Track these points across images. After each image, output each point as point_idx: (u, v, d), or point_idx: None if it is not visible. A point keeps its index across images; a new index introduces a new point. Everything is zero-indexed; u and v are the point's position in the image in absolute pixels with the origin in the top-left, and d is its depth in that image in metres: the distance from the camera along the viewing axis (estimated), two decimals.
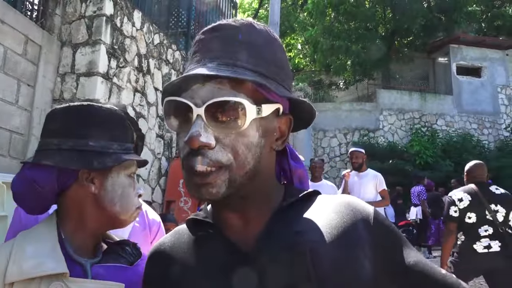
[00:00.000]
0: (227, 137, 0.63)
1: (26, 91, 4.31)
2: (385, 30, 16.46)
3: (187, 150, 0.64)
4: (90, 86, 4.52)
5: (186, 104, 0.63)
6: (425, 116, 14.90)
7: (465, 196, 3.67)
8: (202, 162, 0.62)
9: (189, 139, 0.61)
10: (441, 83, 16.00)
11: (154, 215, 1.59)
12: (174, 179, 5.81)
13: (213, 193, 0.63)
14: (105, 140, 0.97)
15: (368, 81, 16.62)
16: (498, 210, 3.53)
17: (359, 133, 14.43)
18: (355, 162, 5.04)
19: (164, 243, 0.78)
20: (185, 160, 0.65)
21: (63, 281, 0.86)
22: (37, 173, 0.93)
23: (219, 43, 0.67)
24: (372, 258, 0.68)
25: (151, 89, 5.66)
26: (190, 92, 0.65)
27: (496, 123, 15.40)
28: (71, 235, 0.95)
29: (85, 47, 4.65)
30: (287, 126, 0.73)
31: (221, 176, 0.63)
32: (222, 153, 0.63)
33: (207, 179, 0.63)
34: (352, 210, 0.72)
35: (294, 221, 0.70)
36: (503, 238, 3.46)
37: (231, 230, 0.70)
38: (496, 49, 15.93)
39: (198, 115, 0.62)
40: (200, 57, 0.68)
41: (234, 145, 0.63)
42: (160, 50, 5.96)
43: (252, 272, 0.64)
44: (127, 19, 5.13)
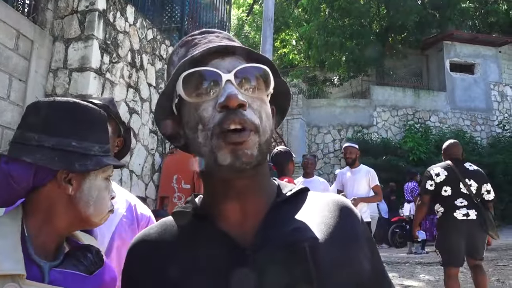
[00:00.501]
0: (254, 103, 0.67)
1: (18, 86, 4.28)
2: (379, 26, 16.51)
3: (220, 115, 0.64)
4: (82, 82, 4.49)
5: (214, 74, 0.66)
6: (418, 112, 14.98)
7: (441, 171, 4.13)
8: (240, 121, 0.63)
9: (228, 98, 0.63)
10: (434, 79, 16.08)
11: (144, 209, 1.58)
12: (168, 175, 5.80)
13: (249, 154, 0.63)
14: (88, 142, 0.94)
15: (362, 77, 16.66)
16: (471, 184, 4.03)
17: (353, 129, 14.48)
18: (348, 158, 5.06)
19: (150, 234, 0.75)
20: (219, 125, 0.64)
21: (18, 282, 0.82)
22: (14, 167, 0.90)
23: (215, 37, 0.73)
24: (369, 256, 0.71)
25: (145, 85, 5.64)
26: (211, 65, 0.67)
27: (489, 120, 15.53)
28: (35, 233, 0.91)
29: (77, 42, 4.61)
30: (273, 113, 0.76)
31: (253, 138, 0.64)
32: (254, 115, 0.65)
33: (244, 137, 0.63)
34: (343, 209, 0.74)
35: (291, 217, 0.70)
36: (478, 207, 3.98)
37: (227, 223, 0.69)
38: (489, 46, 16.03)
39: (228, 80, 0.65)
40: (205, 43, 0.71)
41: (260, 111, 0.67)
42: (154, 46, 5.94)
43: (250, 267, 0.64)
44: (120, 14, 5.10)
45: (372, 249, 0.75)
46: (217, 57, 0.68)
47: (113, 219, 1.47)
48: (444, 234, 4.08)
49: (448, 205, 4.05)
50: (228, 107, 0.63)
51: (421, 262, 8.00)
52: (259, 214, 0.69)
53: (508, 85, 16.00)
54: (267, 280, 0.63)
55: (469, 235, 3.96)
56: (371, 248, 0.74)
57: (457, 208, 4.00)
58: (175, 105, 0.72)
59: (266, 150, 0.67)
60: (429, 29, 16.21)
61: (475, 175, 4.12)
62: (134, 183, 5.34)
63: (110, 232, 1.45)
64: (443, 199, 4.08)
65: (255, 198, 0.70)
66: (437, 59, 16.02)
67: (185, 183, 5.64)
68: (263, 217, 0.69)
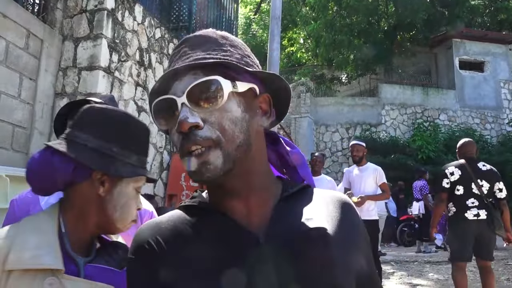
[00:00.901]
0: (212, 116, 0.68)
1: (28, 85, 4.33)
2: (387, 24, 16.40)
3: (180, 139, 0.68)
4: (91, 80, 4.53)
5: (171, 100, 0.69)
6: (427, 110, 14.86)
7: (456, 170, 4.22)
8: (194, 142, 0.66)
9: (179, 124, 0.66)
10: (443, 77, 15.94)
11: (146, 205, 1.61)
12: (176, 173, 5.83)
13: (211, 169, 0.66)
14: (128, 151, 1.02)
15: (370, 75, 16.58)
16: (482, 184, 4.15)
17: (361, 127, 14.42)
18: (355, 156, 5.05)
19: (158, 223, 0.75)
20: (180, 149, 0.69)
21: (57, 277, 0.87)
22: (58, 159, 0.96)
23: (187, 48, 0.74)
24: (366, 253, 0.76)
25: (153, 83, 5.65)
26: (172, 90, 0.70)
27: (499, 118, 15.36)
28: (71, 229, 0.97)
29: (86, 41, 4.66)
30: (267, 104, 0.77)
31: (213, 153, 0.67)
32: (210, 131, 0.67)
33: (202, 158, 0.67)
34: (345, 205, 0.78)
35: (299, 210, 0.73)
36: (489, 208, 4.10)
37: (234, 216, 0.71)
38: (499, 43, 15.86)
39: (182, 103, 0.67)
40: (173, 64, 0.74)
41: (220, 122, 0.68)
42: (162, 44, 5.97)
43: (265, 257, 0.66)
44: (128, 13, 5.13)
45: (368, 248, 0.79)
46: (177, 79, 0.70)
47: None
48: (454, 232, 4.18)
49: (460, 204, 4.15)
50: (182, 132, 0.67)
51: (430, 261, 7.95)
52: (265, 208, 0.72)
53: None
54: (281, 269, 0.65)
55: (479, 234, 4.06)
56: (368, 246, 0.79)
57: (468, 208, 4.10)
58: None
59: (239, 154, 0.69)
60: (438, 27, 16.06)
61: (488, 175, 4.21)
62: None
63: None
64: (456, 199, 4.17)
65: (257, 194, 0.73)
66: (446, 57, 15.89)
67: (193, 181, 5.66)
68: (271, 210, 0.72)
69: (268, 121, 0.77)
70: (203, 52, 0.72)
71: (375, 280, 0.79)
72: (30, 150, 4.30)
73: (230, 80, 0.69)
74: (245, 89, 0.72)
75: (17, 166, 4.10)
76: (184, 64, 0.70)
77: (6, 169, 3.77)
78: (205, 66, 0.70)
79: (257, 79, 0.75)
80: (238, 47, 0.77)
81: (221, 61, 0.70)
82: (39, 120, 4.39)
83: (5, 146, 4.04)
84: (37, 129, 4.37)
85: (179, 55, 0.74)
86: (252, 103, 0.74)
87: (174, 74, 0.70)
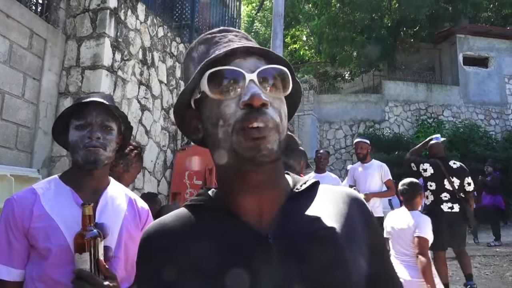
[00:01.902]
0: (275, 102, 0.70)
1: (32, 84, 4.34)
2: (390, 20, 16.31)
3: (243, 113, 0.67)
4: (95, 79, 4.54)
5: (238, 73, 0.69)
6: (431, 107, 14.80)
7: (429, 168, 4.87)
8: (261, 118, 0.66)
9: (252, 97, 0.66)
10: (447, 73, 15.86)
11: (143, 203, 1.66)
12: (180, 171, 5.84)
13: (269, 149, 0.66)
14: None
15: (373, 72, 16.51)
16: (454, 181, 4.76)
17: (365, 124, 14.38)
18: (360, 153, 5.05)
19: (165, 223, 0.76)
20: (241, 121, 0.66)
21: None
22: None
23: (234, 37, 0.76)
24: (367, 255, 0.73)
25: (156, 82, 5.68)
26: (234, 65, 0.70)
27: (503, 114, 15.27)
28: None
29: (89, 41, 4.66)
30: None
31: (274, 135, 0.68)
32: (275, 114, 0.69)
33: (264, 132, 0.66)
34: (355, 201, 0.78)
35: (308, 207, 0.74)
36: (460, 202, 4.74)
37: (244, 215, 0.71)
38: (503, 39, 15.74)
39: (251, 80, 0.68)
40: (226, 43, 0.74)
41: (280, 110, 0.70)
42: (164, 43, 5.97)
43: (274, 255, 0.66)
44: (131, 12, 5.13)
45: (382, 246, 0.78)
46: (239, 57, 0.71)
47: (118, 214, 1.51)
48: (433, 223, 4.50)
49: (436, 198, 4.80)
50: (251, 105, 0.66)
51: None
52: (275, 206, 0.73)
53: None
54: (289, 268, 0.66)
55: (452, 225, 4.67)
56: (381, 243, 0.78)
57: (443, 202, 4.75)
58: (194, 100, 0.74)
59: (283, 147, 0.70)
60: (442, 23, 15.96)
61: (458, 172, 4.82)
62: (147, 180, 5.39)
63: (118, 227, 1.49)
64: (430, 192, 4.86)
65: (271, 192, 0.73)
66: (450, 53, 15.80)
67: (196, 179, 5.67)
68: (280, 208, 0.72)
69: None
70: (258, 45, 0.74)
71: (390, 278, 0.77)
72: (34, 150, 4.31)
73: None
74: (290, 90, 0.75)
75: (21, 166, 4.12)
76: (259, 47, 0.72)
77: (11, 169, 3.79)
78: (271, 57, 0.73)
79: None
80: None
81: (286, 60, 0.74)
82: (43, 120, 4.41)
83: (9, 146, 4.06)
84: (41, 129, 4.39)
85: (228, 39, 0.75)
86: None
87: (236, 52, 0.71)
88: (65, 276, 1.31)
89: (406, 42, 16.18)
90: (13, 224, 1.38)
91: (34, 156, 4.30)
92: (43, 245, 1.35)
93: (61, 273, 1.33)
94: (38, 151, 4.35)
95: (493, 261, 6.75)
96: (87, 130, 1.44)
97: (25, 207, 1.39)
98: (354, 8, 15.39)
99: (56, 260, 1.34)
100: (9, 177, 3.64)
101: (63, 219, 1.39)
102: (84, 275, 1.23)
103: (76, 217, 1.35)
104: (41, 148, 4.39)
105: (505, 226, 11.73)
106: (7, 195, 3.72)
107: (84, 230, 1.28)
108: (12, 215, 1.38)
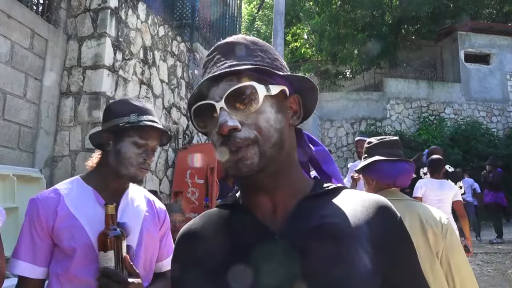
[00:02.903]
0: (249, 118, 0.73)
1: (34, 84, 4.36)
2: (391, 18, 16.28)
3: (220, 141, 0.73)
4: (96, 79, 4.55)
5: (210, 105, 0.74)
6: (432, 104, 14.77)
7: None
8: (233, 143, 0.72)
9: (219, 127, 0.71)
10: (449, 71, 15.82)
11: (160, 204, 1.72)
12: (181, 170, 5.85)
13: (248, 164, 0.72)
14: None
15: (375, 70, 16.48)
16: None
17: (366, 122, 14.36)
18: (360, 151, 5.03)
19: (194, 224, 0.85)
20: (219, 148, 0.74)
21: None
22: None
23: (220, 55, 0.80)
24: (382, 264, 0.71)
25: (157, 81, 5.69)
26: (210, 95, 0.76)
27: (505, 111, 15.23)
28: None
29: (90, 40, 4.68)
30: (297, 104, 0.83)
31: (251, 150, 0.72)
32: (248, 132, 0.73)
33: (240, 154, 0.72)
34: (380, 208, 0.76)
35: (320, 208, 0.76)
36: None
37: (260, 212, 0.77)
38: (505, 35, 15.69)
39: (221, 107, 0.73)
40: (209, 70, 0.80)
41: (256, 123, 0.73)
42: (165, 42, 5.98)
43: (278, 251, 0.71)
44: (132, 11, 5.14)
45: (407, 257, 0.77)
46: (214, 85, 0.76)
47: (139, 214, 1.55)
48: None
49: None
50: (222, 134, 0.72)
51: None
52: (289, 204, 0.77)
53: None
54: (292, 263, 0.69)
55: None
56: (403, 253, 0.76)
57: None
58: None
59: (274, 152, 0.74)
60: (443, 20, 15.91)
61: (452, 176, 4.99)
62: (149, 179, 5.41)
63: (138, 226, 1.53)
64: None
65: (284, 191, 0.77)
66: (451, 50, 15.76)
67: (198, 178, 5.68)
68: (295, 207, 0.76)
69: (298, 121, 0.83)
70: (236, 59, 0.78)
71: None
72: (36, 150, 4.33)
73: (263, 85, 0.75)
74: (277, 91, 0.77)
75: (23, 166, 4.14)
76: (220, 71, 0.75)
77: (13, 169, 3.81)
78: (239, 73, 0.75)
79: (286, 81, 0.81)
80: (268, 52, 0.82)
81: (254, 67, 0.75)
82: (45, 120, 4.43)
83: (11, 146, 4.08)
84: (43, 129, 4.40)
85: (213, 61, 0.80)
86: (284, 104, 0.79)
87: (211, 80, 0.76)
88: (90, 274, 1.36)
89: (407, 39, 16.14)
90: (37, 223, 1.41)
91: (36, 156, 4.32)
92: (68, 245, 1.40)
93: (86, 271, 1.37)
94: (40, 151, 4.36)
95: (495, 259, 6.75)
96: (143, 150, 1.51)
97: (50, 207, 1.43)
98: (355, 5, 15.36)
99: (80, 258, 1.38)
100: (12, 177, 3.65)
101: (86, 218, 1.44)
102: (109, 273, 1.27)
103: (99, 216, 1.40)
104: (43, 148, 4.40)
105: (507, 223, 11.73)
106: (9, 195, 3.75)
107: (108, 229, 1.32)
108: (37, 215, 1.42)
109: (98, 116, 4.42)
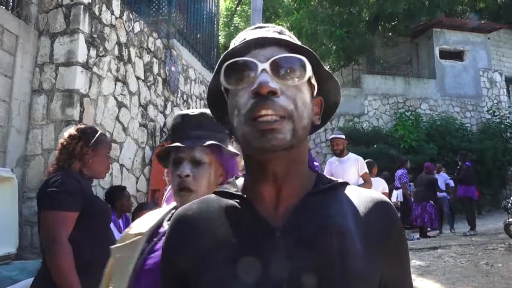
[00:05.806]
0: (289, 90, 0.70)
1: (4, 82, 4.24)
2: (369, 14, 16.45)
3: (252, 102, 0.68)
4: (69, 76, 4.46)
5: (251, 63, 0.70)
6: (409, 100, 15.03)
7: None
8: (270, 107, 0.67)
9: (259, 85, 0.67)
10: (424, 67, 16.12)
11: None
12: (159, 168, 5.79)
13: (279, 138, 0.67)
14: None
15: (353, 66, 16.64)
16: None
17: (344, 118, 14.51)
18: (336, 149, 5.10)
19: (191, 209, 0.80)
20: (250, 111, 0.68)
21: None
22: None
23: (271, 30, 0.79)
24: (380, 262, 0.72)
25: (133, 78, 5.61)
26: (251, 55, 0.72)
27: (478, 106, 15.63)
28: None
29: (63, 37, 4.57)
30: (319, 107, 0.81)
31: (286, 125, 0.68)
32: (287, 101, 0.69)
33: (274, 125, 0.67)
34: (381, 206, 0.76)
35: (324, 206, 0.74)
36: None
37: (262, 205, 0.73)
38: (478, 32, 16.07)
39: (263, 69, 0.69)
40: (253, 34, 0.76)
41: (295, 97, 0.70)
42: (141, 39, 5.90)
43: (279, 248, 0.68)
44: (106, 7, 5.05)
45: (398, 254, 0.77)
46: (259, 47, 0.72)
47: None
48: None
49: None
50: (259, 93, 0.67)
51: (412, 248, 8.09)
52: (293, 200, 0.74)
53: (497, 71, 16.09)
54: (292, 261, 0.67)
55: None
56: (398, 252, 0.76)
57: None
58: (225, 91, 0.78)
59: (302, 135, 0.71)
60: (419, 17, 16.18)
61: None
62: (125, 177, 5.34)
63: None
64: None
65: (291, 184, 0.74)
66: (427, 47, 16.05)
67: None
68: (298, 203, 0.73)
69: (318, 121, 0.82)
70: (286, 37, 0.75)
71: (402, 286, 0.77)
72: (7, 149, 4.22)
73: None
74: (314, 82, 0.77)
75: None
76: (276, 36, 0.73)
77: None
78: (293, 47, 0.73)
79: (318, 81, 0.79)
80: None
81: (310, 49, 0.73)
82: (16, 118, 4.32)
83: None
84: (14, 127, 4.30)
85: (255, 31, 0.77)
86: (311, 100, 0.76)
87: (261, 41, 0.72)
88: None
89: (384, 36, 16.35)
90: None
91: (7, 155, 4.21)
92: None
93: None
94: (11, 150, 4.25)
95: (469, 250, 6.91)
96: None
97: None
98: (333, 2, 15.46)
99: None
100: None
101: None
102: None
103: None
104: (15, 147, 4.30)
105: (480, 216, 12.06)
106: None
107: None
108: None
109: (71, 114, 4.34)
